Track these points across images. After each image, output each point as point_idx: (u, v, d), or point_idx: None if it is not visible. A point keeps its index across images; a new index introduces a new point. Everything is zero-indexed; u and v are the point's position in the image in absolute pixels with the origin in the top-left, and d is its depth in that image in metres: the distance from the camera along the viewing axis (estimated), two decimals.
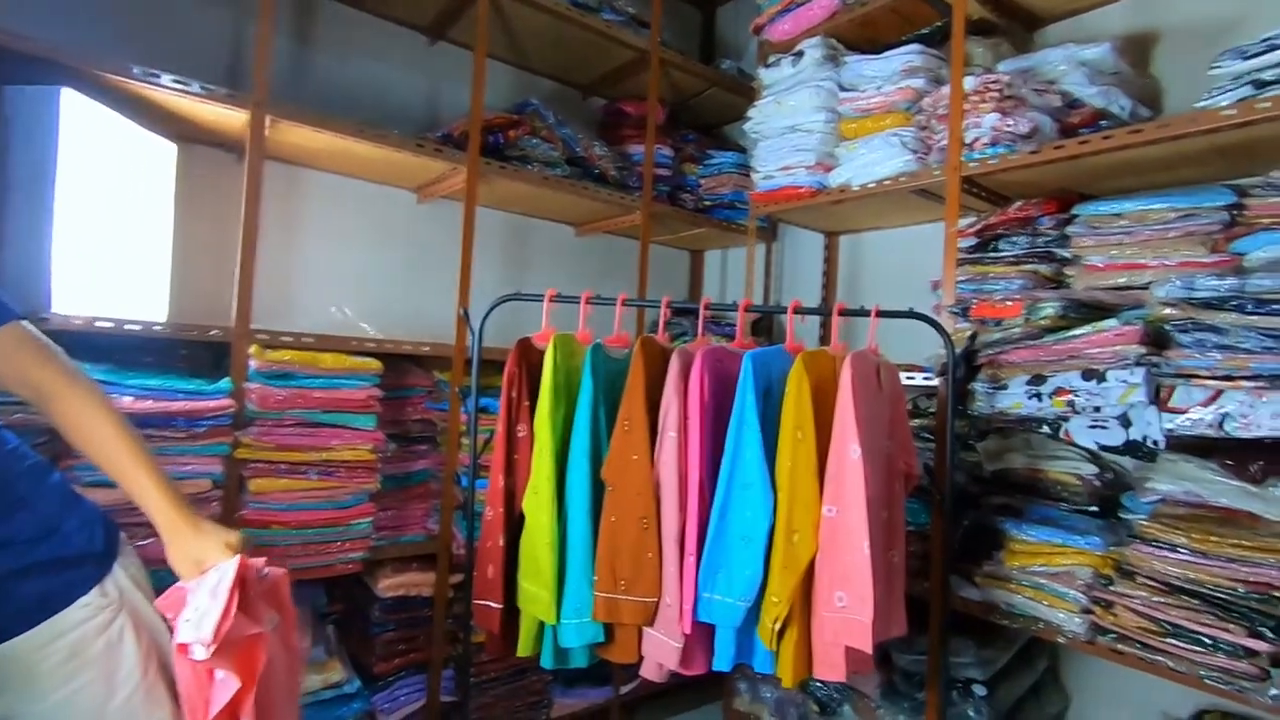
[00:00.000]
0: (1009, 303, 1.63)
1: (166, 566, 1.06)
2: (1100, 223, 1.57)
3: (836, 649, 1.22)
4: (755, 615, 1.26)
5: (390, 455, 1.89)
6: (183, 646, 0.95)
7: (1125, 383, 1.39)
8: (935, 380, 1.73)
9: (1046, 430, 1.54)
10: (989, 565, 1.61)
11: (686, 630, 1.26)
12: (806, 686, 1.96)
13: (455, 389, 1.93)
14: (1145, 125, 1.45)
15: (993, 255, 1.73)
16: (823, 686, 1.92)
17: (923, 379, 1.77)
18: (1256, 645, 1.21)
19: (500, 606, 1.41)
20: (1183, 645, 1.30)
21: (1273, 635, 1.20)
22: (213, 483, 1.57)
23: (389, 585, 1.89)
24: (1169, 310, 1.34)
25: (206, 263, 1.90)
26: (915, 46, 1.92)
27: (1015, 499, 1.66)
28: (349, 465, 1.76)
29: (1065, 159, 1.55)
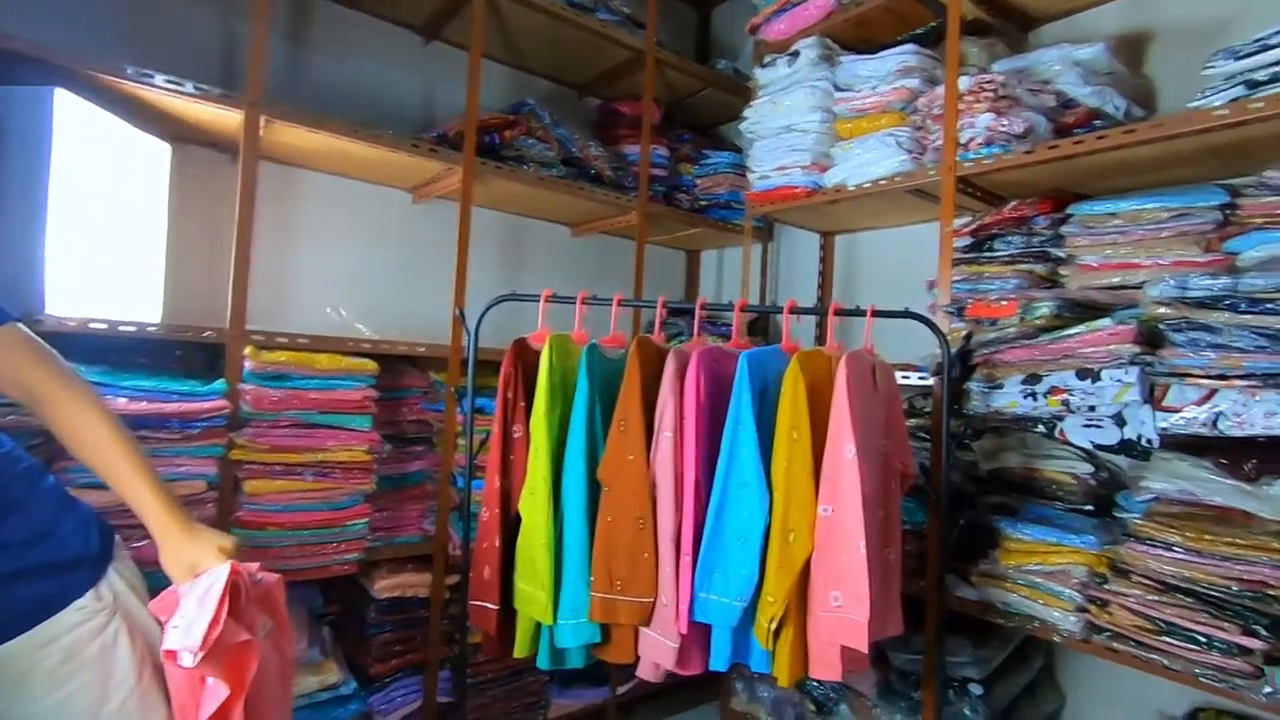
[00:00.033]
0: (1004, 302, 1.63)
1: (161, 569, 1.05)
2: (1094, 222, 1.58)
3: (832, 648, 1.23)
4: (751, 615, 1.26)
5: (386, 456, 1.88)
6: (170, 653, 0.94)
7: (1120, 382, 1.39)
8: (931, 380, 1.73)
9: (1042, 429, 1.54)
10: (985, 564, 1.61)
11: (683, 630, 1.26)
12: (803, 686, 1.96)
13: (451, 390, 1.93)
14: (1139, 125, 1.46)
15: (988, 255, 1.74)
16: (819, 686, 1.93)
17: (918, 378, 1.77)
18: (1251, 643, 1.22)
19: (496, 607, 1.41)
20: (1177, 643, 1.30)
21: (1267, 633, 1.21)
22: (207, 484, 1.56)
23: (385, 586, 1.88)
24: (1163, 309, 1.35)
25: (201, 263, 1.90)
26: (910, 47, 1.92)
27: (1011, 498, 1.67)
28: (344, 466, 1.75)
29: (1060, 159, 1.56)
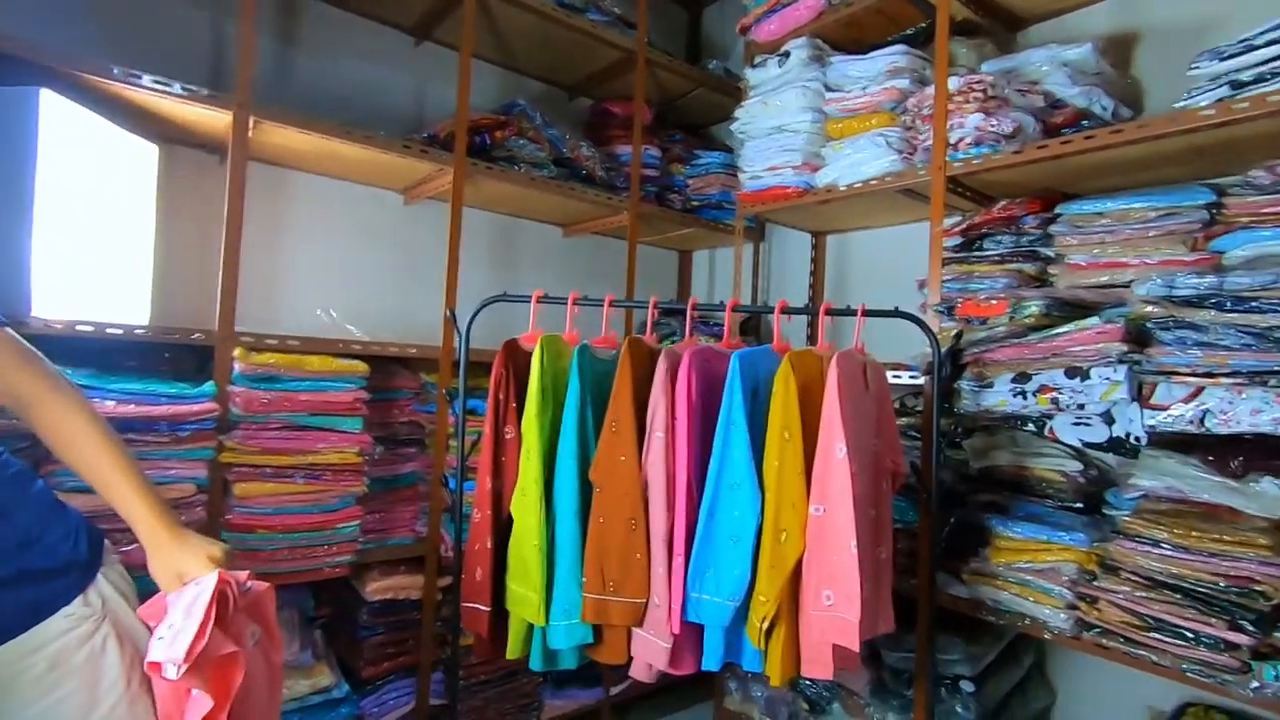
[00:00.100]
0: (994, 301, 1.64)
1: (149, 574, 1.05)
2: (1083, 221, 1.59)
3: (824, 647, 1.23)
4: (744, 615, 1.26)
5: (377, 458, 1.88)
6: (155, 665, 0.92)
7: (1108, 380, 1.40)
8: (921, 379, 1.74)
9: (1031, 428, 1.55)
10: (976, 562, 1.62)
11: (675, 630, 1.26)
12: (796, 685, 1.96)
13: (443, 391, 1.92)
14: (1126, 125, 1.47)
15: (978, 254, 1.75)
16: (812, 685, 1.93)
17: (909, 378, 1.78)
18: (1237, 638, 1.23)
19: (489, 609, 1.41)
20: (1166, 639, 1.31)
21: (1253, 629, 1.22)
22: (197, 487, 1.55)
23: (377, 589, 1.88)
24: (1150, 308, 1.36)
25: (190, 265, 1.88)
26: (900, 47, 1.93)
27: (1001, 496, 1.68)
28: (335, 468, 1.74)
29: (1048, 159, 1.57)
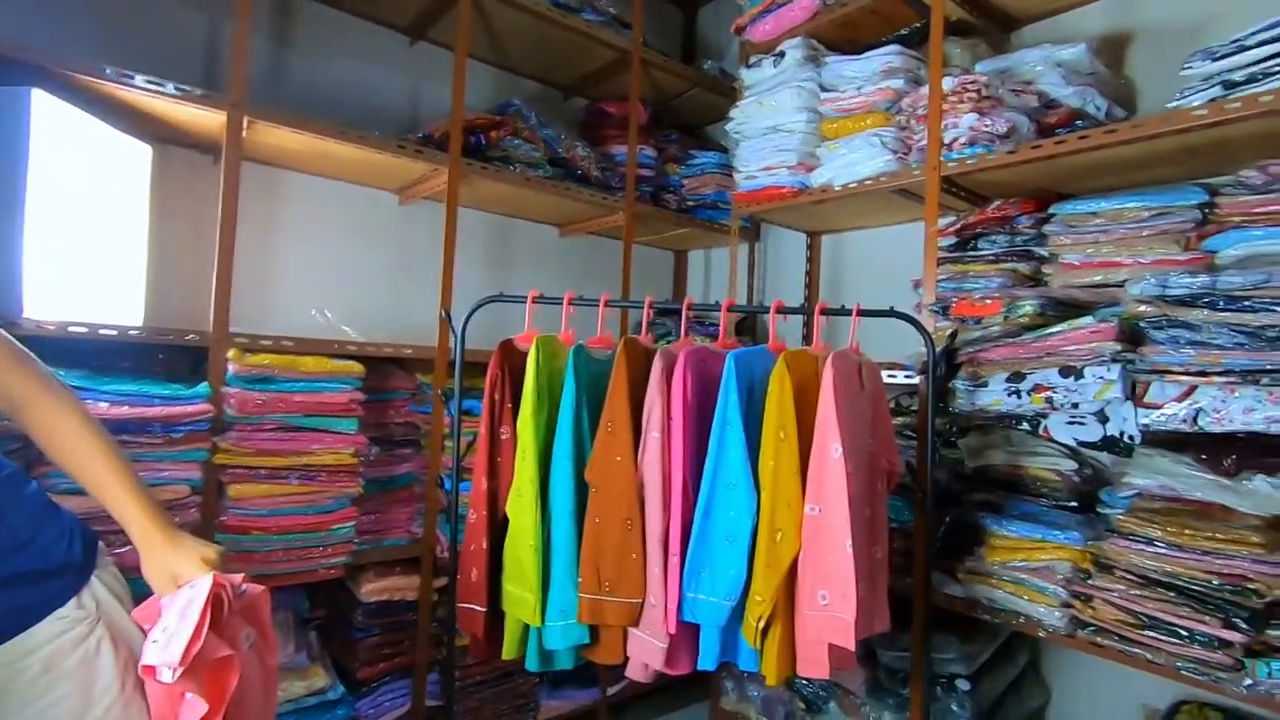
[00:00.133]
0: (988, 301, 1.64)
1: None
2: (1077, 221, 1.59)
3: (820, 647, 1.23)
4: (739, 614, 1.26)
5: (373, 459, 1.87)
6: (149, 669, 0.92)
7: (1102, 379, 1.41)
8: (916, 378, 1.74)
9: (1026, 427, 1.56)
10: (971, 561, 1.63)
11: (671, 630, 1.26)
12: (793, 684, 1.97)
13: (438, 392, 1.92)
14: (1119, 125, 1.47)
15: (972, 254, 1.75)
16: (809, 684, 1.93)
17: (904, 377, 1.78)
18: (1231, 636, 1.23)
19: (484, 610, 1.40)
20: (1160, 637, 1.32)
21: (1246, 626, 1.22)
22: (191, 489, 1.55)
23: (372, 590, 1.87)
24: (1144, 307, 1.37)
25: (183, 266, 1.88)
26: (894, 47, 1.93)
27: (996, 495, 1.68)
28: (330, 469, 1.74)
29: (1042, 159, 1.57)
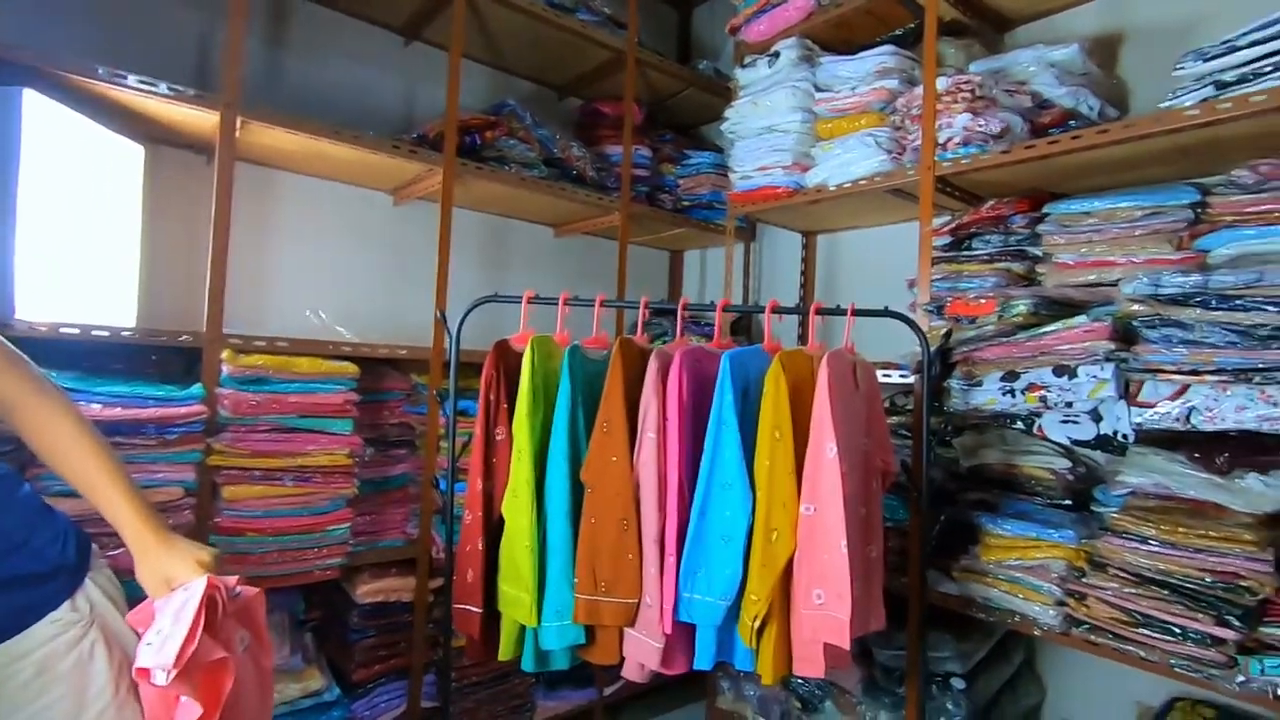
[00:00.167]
0: (983, 300, 1.65)
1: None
2: (1070, 221, 1.60)
3: (815, 646, 1.23)
4: (735, 614, 1.26)
5: (368, 460, 1.87)
6: (143, 671, 0.91)
7: (1095, 378, 1.41)
8: (911, 378, 1.75)
9: (1020, 426, 1.56)
10: (966, 560, 1.63)
11: (667, 630, 1.26)
12: (789, 683, 1.97)
13: (433, 392, 1.91)
14: (1112, 125, 1.48)
15: (967, 254, 1.76)
16: (805, 683, 1.94)
17: (899, 376, 1.79)
18: (1224, 633, 1.24)
19: (480, 610, 1.40)
20: (1153, 635, 1.32)
21: (1239, 623, 1.23)
22: (184, 490, 1.54)
23: (368, 591, 1.87)
24: (1137, 307, 1.37)
25: (176, 266, 1.87)
26: (889, 48, 1.94)
27: (991, 494, 1.69)
28: (325, 470, 1.73)
29: (1035, 158, 1.58)
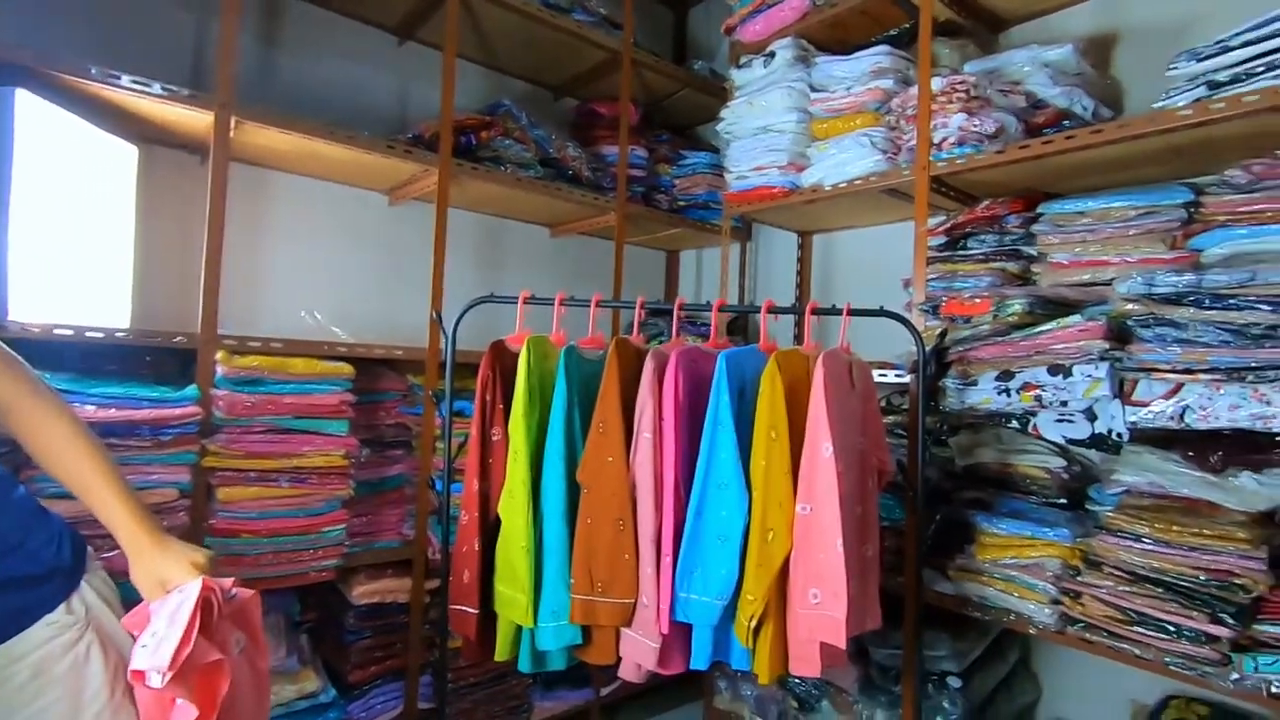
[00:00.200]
0: (978, 300, 1.65)
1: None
2: (1064, 221, 1.60)
3: (811, 645, 1.23)
4: (731, 613, 1.26)
5: (363, 461, 1.86)
6: (138, 674, 0.91)
7: (1090, 377, 1.42)
8: (907, 377, 1.75)
9: (1015, 425, 1.57)
10: (961, 559, 1.64)
11: (664, 630, 1.26)
12: (785, 683, 1.97)
13: (429, 393, 1.91)
14: (1106, 125, 1.49)
15: (962, 253, 1.76)
16: (801, 683, 1.94)
17: (895, 376, 1.79)
18: (1218, 631, 1.24)
19: (477, 611, 1.40)
20: (1148, 633, 1.33)
21: (1233, 621, 1.23)
22: (179, 492, 1.53)
23: (364, 592, 1.86)
24: (1131, 306, 1.38)
25: (170, 267, 1.86)
26: (884, 48, 1.94)
27: (986, 493, 1.69)
28: (321, 472, 1.73)
29: (1030, 158, 1.58)
